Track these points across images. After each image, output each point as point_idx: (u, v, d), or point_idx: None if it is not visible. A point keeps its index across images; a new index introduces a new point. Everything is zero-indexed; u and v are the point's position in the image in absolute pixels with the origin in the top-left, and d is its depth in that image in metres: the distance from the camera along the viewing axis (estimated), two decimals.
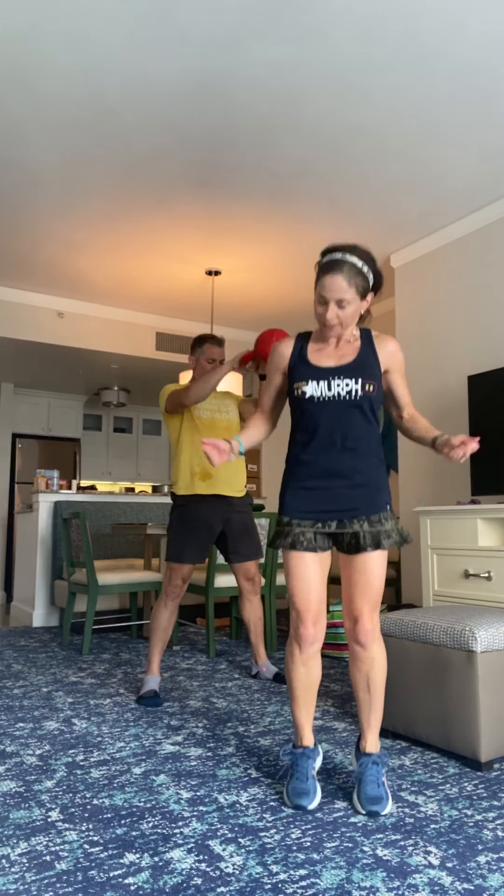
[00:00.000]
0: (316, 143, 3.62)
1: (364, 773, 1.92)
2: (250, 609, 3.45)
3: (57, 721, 2.73)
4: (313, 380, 1.98)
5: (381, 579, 1.97)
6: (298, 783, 1.91)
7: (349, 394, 1.95)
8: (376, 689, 1.99)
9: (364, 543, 1.95)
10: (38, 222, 4.54)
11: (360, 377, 1.96)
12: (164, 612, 3.18)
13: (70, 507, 5.39)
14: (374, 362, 2.00)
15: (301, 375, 2.00)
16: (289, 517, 2.00)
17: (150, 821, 1.82)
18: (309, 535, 1.97)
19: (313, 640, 1.98)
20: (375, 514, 1.97)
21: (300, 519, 1.99)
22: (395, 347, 2.05)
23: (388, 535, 1.96)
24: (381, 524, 1.96)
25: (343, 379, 1.96)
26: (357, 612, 1.97)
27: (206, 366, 3.36)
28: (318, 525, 1.98)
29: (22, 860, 1.61)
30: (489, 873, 1.55)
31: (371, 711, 2.01)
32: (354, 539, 1.96)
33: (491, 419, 3.82)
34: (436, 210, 4.37)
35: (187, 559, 3.18)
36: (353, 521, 1.96)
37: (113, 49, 2.90)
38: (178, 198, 4.22)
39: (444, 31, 2.79)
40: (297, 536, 1.97)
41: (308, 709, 2.03)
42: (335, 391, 1.96)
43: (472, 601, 3.35)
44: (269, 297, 5.97)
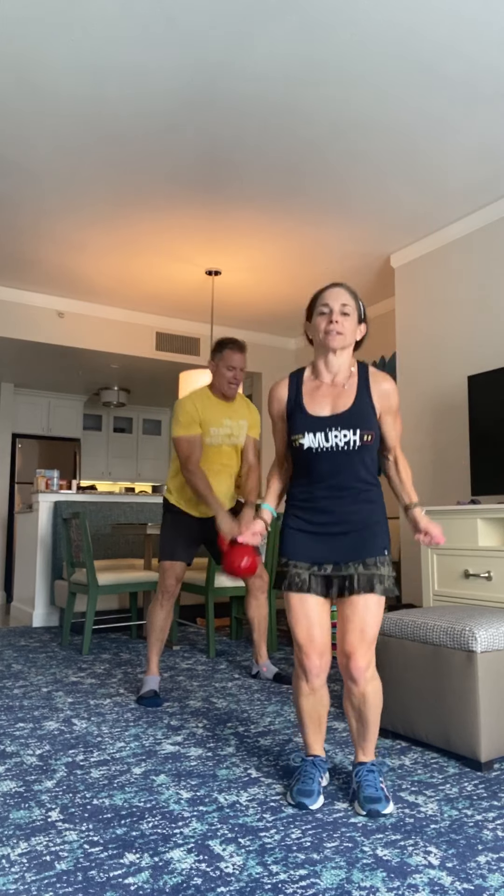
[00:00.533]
0: (316, 143, 3.62)
1: (361, 782, 1.93)
2: (256, 607, 3.45)
3: (57, 721, 2.73)
4: (310, 432, 1.97)
5: (376, 621, 1.96)
6: (303, 785, 1.94)
7: (347, 444, 1.95)
8: (367, 721, 1.99)
9: (357, 586, 1.94)
10: (39, 222, 4.54)
11: (357, 428, 1.95)
12: (160, 613, 3.18)
13: (70, 507, 5.39)
14: (370, 409, 1.98)
15: (298, 427, 1.99)
16: (286, 558, 2.02)
17: (150, 821, 1.82)
18: (304, 576, 1.98)
19: (319, 672, 1.98)
20: (371, 557, 1.96)
21: (297, 560, 2.00)
22: (391, 388, 2.03)
23: (381, 579, 1.95)
24: (377, 568, 1.95)
25: (340, 430, 1.95)
26: (350, 649, 1.95)
27: (225, 374, 3.20)
28: (313, 568, 1.99)
29: (22, 860, 1.61)
30: (489, 873, 1.55)
31: (361, 738, 2.01)
32: (349, 581, 1.96)
33: (491, 419, 3.82)
34: (436, 210, 4.37)
35: (179, 557, 3.19)
36: (348, 565, 1.97)
37: (113, 47, 2.90)
38: (178, 197, 4.22)
39: (445, 30, 2.79)
40: (293, 578, 1.98)
41: (318, 732, 2.04)
42: (333, 443, 1.95)
43: (472, 601, 3.35)
44: (269, 297, 5.97)
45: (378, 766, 1.99)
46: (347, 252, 5.01)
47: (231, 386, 3.22)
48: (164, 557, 3.22)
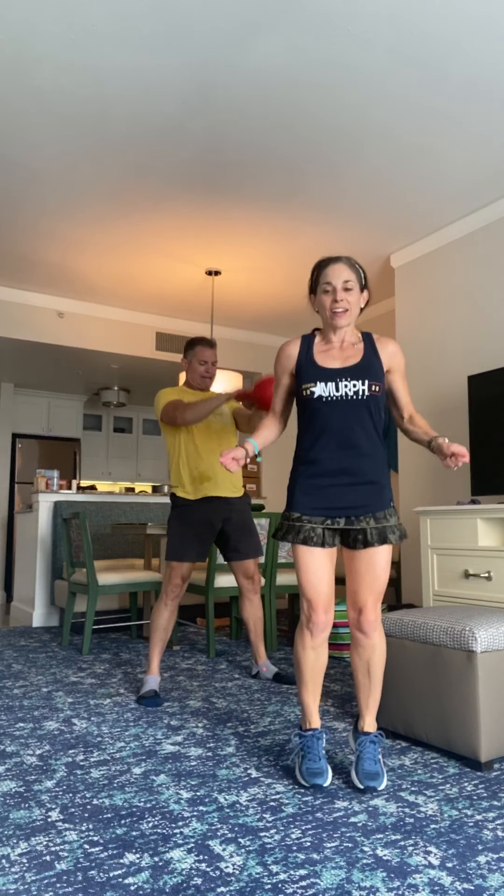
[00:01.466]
0: (316, 144, 3.62)
1: (362, 752, 2.03)
2: (250, 608, 3.45)
3: (57, 721, 2.73)
4: (321, 381, 2.07)
5: (386, 572, 2.08)
6: (312, 763, 2.00)
7: (356, 394, 2.04)
8: (376, 673, 2.09)
9: (371, 539, 2.04)
10: (39, 222, 4.54)
11: (366, 378, 2.05)
12: (164, 612, 3.18)
13: (70, 507, 5.39)
14: (377, 364, 2.10)
15: (309, 377, 2.09)
16: (299, 513, 2.08)
17: (150, 821, 1.82)
18: (319, 530, 2.06)
19: (324, 627, 2.08)
20: (381, 510, 2.07)
21: (310, 515, 2.07)
22: (396, 349, 2.16)
23: (392, 530, 2.06)
24: (387, 520, 2.06)
25: (350, 380, 2.05)
26: (362, 602, 2.06)
27: (198, 368, 3.36)
28: (327, 521, 2.06)
29: (22, 860, 1.61)
30: (489, 873, 1.55)
31: (370, 695, 2.11)
32: (362, 535, 2.05)
33: (491, 419, 3.82)
34: (436, 210, 4.37)
35: (187, 558, 3.19)
36: (360, 518, 2.05)
37: (113, 47, 2.90)
38: (178, 198, 4.22)
39: (445, 29, 2.79)
40: (308, 532, 2.05)
41: (316, 693, 2.13)
42: (343, 391, 2.05)
43: (472, 601, 3.35)
44: (269, 297, 5.97)
45: (379, 738, 2.08)
46: (347, 252, 5.01)
47: (204, 380, 3.38)
48: (172, 557, 3.21)
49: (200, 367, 3.35)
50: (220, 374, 5.19)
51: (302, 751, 2.06)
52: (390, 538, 2.04)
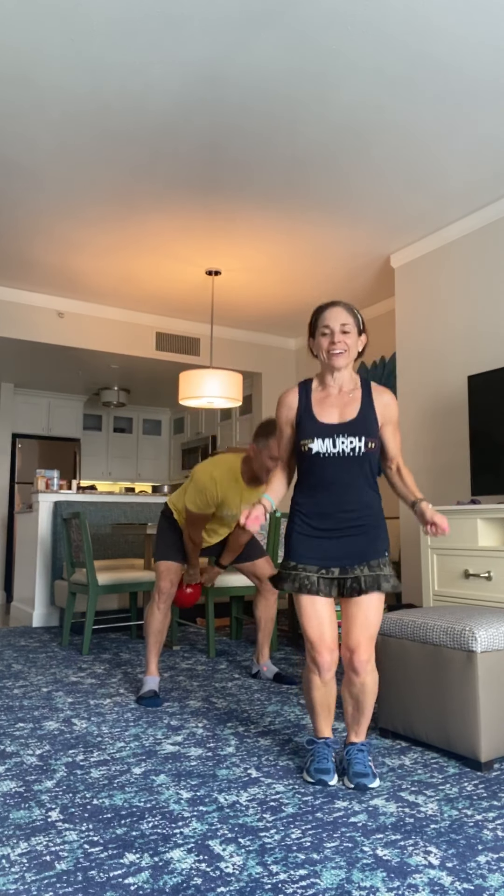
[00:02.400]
0: (316, 144, 3.62)
1: (352, 759, 2.10)
2: (264, 607, 3.47)
3: (57, 721, 2.73)
4: (319, 437, 2.11)
5: (378, 617, 2.13)
6: (320, 764, 2.09)
7: (353, 451, 2.09)
8: (365, 708, 2.15)
9: (365, 587, 2.09)
10: (39, 222, 4.54)
11: (363, 435, 2.10)
12: (157, 615, 3.18)
13: (70, 507, 5.39)
14: (373, 418, 2.14)
15: (307, 433, 2.13)
16: (294, 562, 2.14)
17: (150, 821, 1.82)
18: (313, 578, 2.11)
19: (331, 667, 2.13)
20: (375, 559, 2.12)
21: (305, 563, 2.13)
22: (390, 400, 2.20)
23: (386, 579, 2.11)
24: (381, 569, 2.11)
25: (347, 437, 2.10)
26: (354, 644, 2.11)
27: (266, 462, 2.97)
28: (321, 571, 2.12)
29: (22, 860, 1.61)
30: (489, 873, 1.55)
31: (356, 722, 2.18)
32: (356, 583, 2.10)
33: (491, 419, 3.82)
34: (436, 210, 4.37)
35: (174, 558, 3.21)
36: (354, 567, 2.11)
37: (113, 47, 2.90)
38: (179, 198, 4.22)
39: (443, 30, 2.79)
40: (303, 581, 2.11)
41: (328, 717, 2.20)
42: (339, 448, 2.10)
43: (472, 601, 3.35)
44: (269, 297, 5.97)
45: (367, 746, 2.14)
46: (347, 252, 5.01)
47: (267, 475, 3.01)
48: (160, 558, 3.23)
49: (270, 462, 2.96)
50: (220, 374, 5.19)
51: (312, 755, 2.14)
52: (384, 586, 2.08)
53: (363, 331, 2.19)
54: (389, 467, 2.24)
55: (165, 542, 3.26)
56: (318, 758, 2.11)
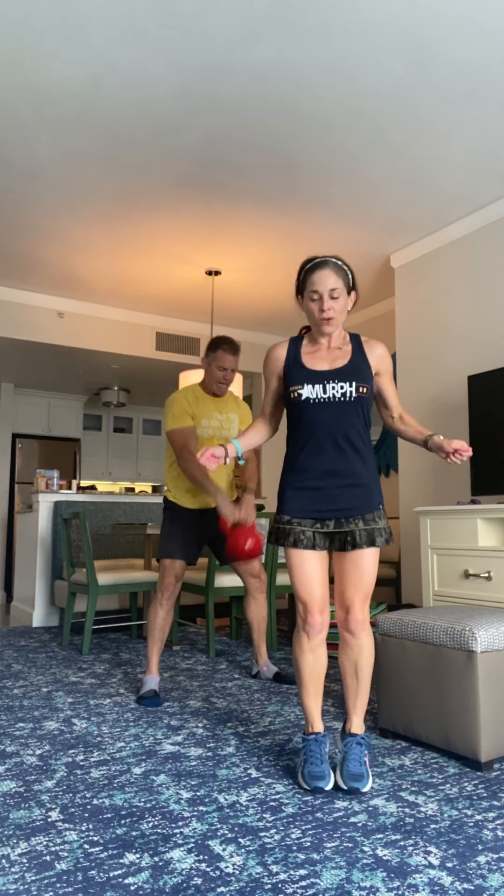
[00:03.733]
0: (316, 143, 3.62)
1: (348, 752, 2.04)
2: (255, 607, 3.45)
3: (57, 721, 2.73)
4: (308, 383, 2.08)
5: (373, 573, 2.09)
6: (314, 767, 2.01)
7: (344, 395, 2.05)
8: (363, 674, 2.10)
9: (360, 541, 2.05)
10: (39, 222, 4.54)
11: (353, 380, 2.06)
12: (160, 612, 3.18)
13: (70, 507, 5.39)
14: (365, 366, 2.11)
15: (297, 379, 2.10)
16: (289, 516, 2.09)
17: (150, 821, 1.82)
18: (309, 533, 2.07)
19: (321, 629, 2.08)
20: (370, 513, 2.08)
21: (300, 518, 2.08)
22: (384, 351, 2.17)
23: (381, 532, 2.08)
24: (376, 522, 2.08)
25: (337, 382, 2.06)
26: (349, 602, 2.08)
27: (216, 373, 3.25)
28: (316, 525, 2.07)
29: (22, 860, 1.61)
30: (489, 873, 1.55)
31: (357, 696, 2.12)
32: (350, 537, 2.06)
33: (491, 419, 3.82)
34: (436, 210, 4.37)
35: (179, 555, 3.20)
36: (349, 521, 2.06)
37: (113, 47, 2.90)
38: (178, 198, 4.22)
39: (444, 30, 2.79)
40: (298, 535, 2.07)
41: (317, 696, 2.13)
42: (330, 393, 2.06)
43: (472, 601, 3.35)
44: (269, 297, 5.97)
45: (366, 740, 2.09)
46: (347, 252, 5.01)
47: (220, 385, 3.29)
48: (163, 555, 3.22)
49: (219, 372, 3.25)
50: None
51: (304, 754, 2.06)
52: (378, 541, 2.06)
53: (353, 288, 2.13)
54: (392, 416, 2.23)
55: (168, 538, 3.25)
56: (311, 759, 2.03)
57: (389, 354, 2.18)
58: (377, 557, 2.09)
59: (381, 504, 2.11)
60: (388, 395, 2.21)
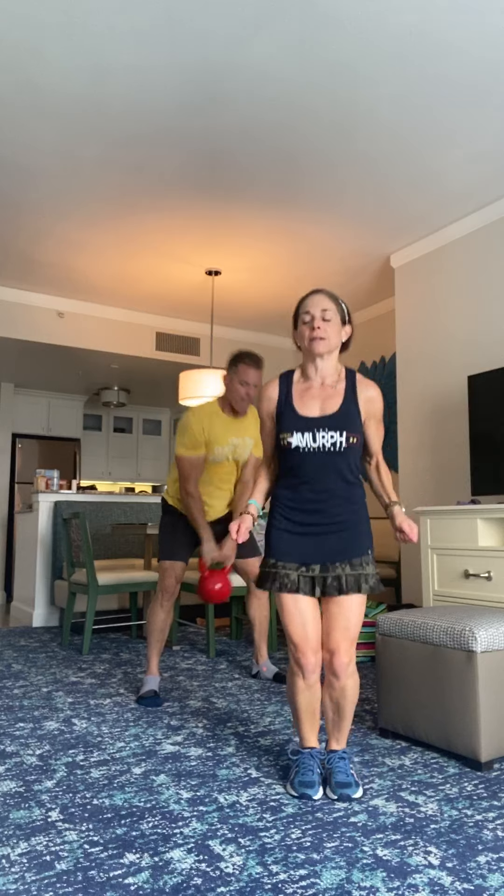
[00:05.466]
0: (316, 143, 3.62)
1: (333, 767, 2.05)
2: (257, 606, 3.46)
3: (57, 721, 2.73)
4: (298, 431, 2.04)
5: (359, 619, 2.06)
6: (304, 776, 2.01)
7: (334, 446, 2.02)
8: (345, 713, 2.10)
9: (346, 587, 2.02)
10: (39, 222, 4.54)
11: (344, 429, 2.03)
12: (160, 613, 3.18)
13: (70, 507, 5.39)
14: (356, 412, 2.07)
15: (286, 426, 2.06)
16: (274, 559, 2.08)
17: (150, 821, 1.82)
18: (293, 576, 2.05)
19: (315, 668, 2.06)
20: (357, 557, 2.04)
21: (285, 562, 2.06)
22: (375, 394, 2.12)
23: (367, 579, 2.04)
24: (362, 568, 2.04)
25: (328, 431, 2.03)
26: (335, 646, 2.05)
27: (238, 389, 3.08)
28: (301, 569, 2.05)
29: (22, 860, 1.61)
30: (489, 873, 1.55)
31: (336, 728, 2.12)
32: (336, 582, 2.03)
33: (491, 419, 3.82)
34: (436, 210, 4.37)
35: (178, 557, 3.20)
36: (335, 565, 2.04)
37: (113, 47, 2.90)
38: (178, 197, 4.22)
39: (444, 30, 2.79)
40: (283, 579, 2.05)
41: (313, 723, 2.11)
42: (320, 443, 2.03)
43: (472, 601, 3.35)
44: (269, 297, 5.97)
45: (348, 754, 2.11)
46: (347, 252, 5.01)
47: (242, 402, 3.12)
48: (164, 557, 3.22)
49: (241, 388, 3.07)
50: (220, 374, 5.19)
51: (297, 766, 2.07)
52: (363, 588, 2.02)
53: (348, 322, 2.12)
54: (368, 462, 2.19)
55: (168, 540, 3.25)
56: (302, 769, 2.03)
57: (381, 397, 2.13)
58: (363, 605, 2.06)
59: (370, 549, 2.07)
60: (370, 441, 2.15)
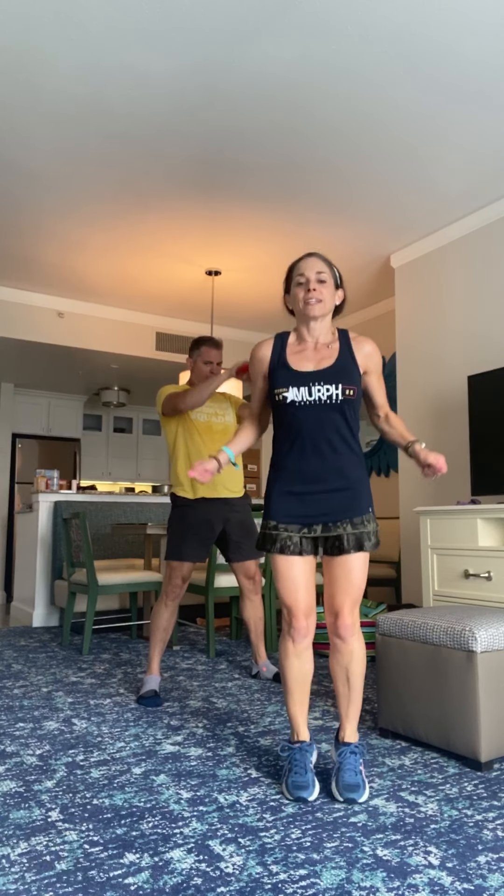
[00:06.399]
0: (316, 143, 3.62)
1: (343, 763, 1.99)
2: (251, 608, 3.45)
3: (57, 721, 2.73)
4: (294, 385, 2.02)
5: (362, 577, 2.05)
6: (297, 777, 1.96)
7: (330, 398, 2.00)
8: (355, 680, 2.06)
9: (347, 546, 2.01)
10: (39, 222, 4.54)
11: (339, 382, 2.01)
12: (165, 613, 3.18)
13: (70, 507, 5.39)
14: (352, 366, 2.05)
15: (282, 381, 2.04)
16: (275, 521, 2.06)
17: (150, 821, 1.82)
18: (296, 538, 2.03)
19: (306, 633, 2.05)
20: (359, 516, 2.03)
21: (287, 523, 2.04)
22: (373, 349, 2.11)
23: (369, 537, 2.03)
24: (364, 526, 2.03)
25: (323, 384, 2.01)
26: (338, 607, 2.04)
27: (202, 368, 3.36)
28: (303, 530, 2.03)
29: (22, 860, 1.61)
30: (489, 873, 1.55)
31: (350, 703, 2.07)
32: (338, 541, 2.02)
33: (491, 419, 3.82)
34: (436, 210, 4.37)
35: (187, 557, 3.18)
36: (337, 525, 2.02)
37: (113, 46, 2.90)
38: (179, 197, 4.22)
39: (444, 31, 2.79)
40: (285, 541, 2.03)
41: (303, 703, 2.08)
42: (316, 396, 2.00)
43: (472, 601, 3.35)
44: (269, 297, 5.97)
45: (360, 749, 2.03)
46: (347, 252, 5.01)
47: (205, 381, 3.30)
48: (172, 556, 3.20)
49: (205, 367, 3.35)
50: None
51: (289, 763, 2.01)
52: (366, 545, 2.01)
53: (340, 285, 2.12)
54: (378, 415, 2.18)
55: (176, 538, 3.23)
56: (295, 768, 1.98)
57: (378, 351, 2.13)
58: (367, 562, 2.05)
59: (371, 507, 2.06)
60: (374, 394, 2.15)
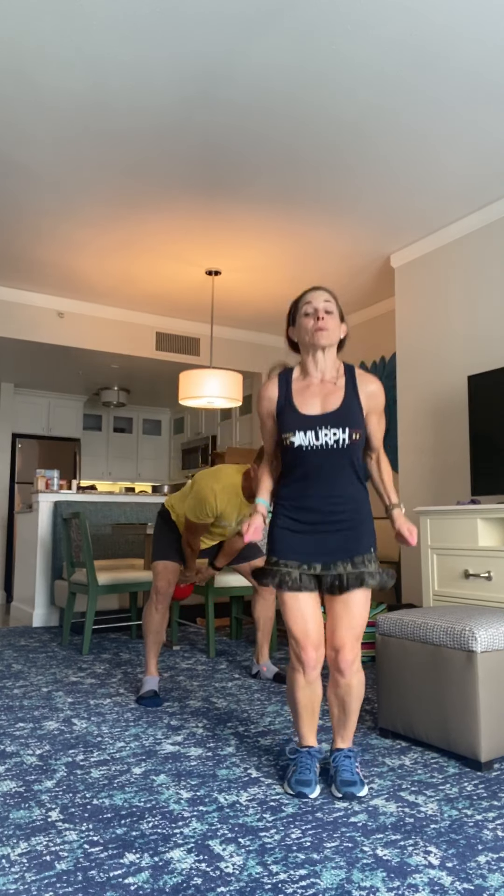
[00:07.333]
0: (316, 144, 3.62)
1: (338, 766, 2.04)
2: (262, 606, 3.47)
3: (57, 721, 2.73)
4: (300, 430, 2.03)
5: (364, 614, 2.06)
6: (301, 775, 2.01)
7: (337, 443, 2.01)
8: (350, 711, 2.09)
9: (347, 584, 2.01)
10: (39, 222, 4.54)
11: (346, 426, 2.01)
12: (155, 615, 3.18)
13: (70, 507, 5.39)
14: (357, 408, 2.05)
15: (289, 426, 2.05)
16: (276, 557, 2.07)
17: (150, 821, 1.82)
18: (294, 574, 2.04)
19: (316, 664, 2.05)
20: (359, 555, 2.04)
21: (286, 560, 2.05)
22: (377, 388, 2.11)
23: (372, 576, 2.03)
24: (365, 566, 2.03)
25: (330, 429, 2.01)
26: (340, 643, 2.04)
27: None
28: (303, 567, 2.05)
29: (22, 860, 1.61)
30: (489, 873, 1.55)
31: (344, 726, 2.11)
32: (338, 580, 2.03)
33: (491, 419, 3.82)
34: (436, 210, 4.37)
35: (172, 557, 3.21)
36: (336, 564, 2.03)
37: (113, 46, 2.90)
38: (178, 198, 4.22)
39: (444, 30, 2.79)
40: (284, 576, 2.04)
41: (312, 722, 2.11)
42: (323, 441, 2.01)
43: (472, 601, 3.35)
44: (269, 297, 5.97)
45: (354, 752, 2.09)
46: (347, 252, 5.01)
47: None
48: (157, 557, 3.24)
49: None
50: (220, 374, 5.19)
51: (295, 764, 2.06)
52: (368, 582, 2.01)
53: (343, 320, 2.14)
54: (370, 457, 2.18)
55: (162, 543, 3.26)
56: (300, 768, 2.03)
57: (382, 392, 2.12)
58: (368, 597, 2.05)
59: (373, 547, 2.07)
60: (372, 436, 2.14)
